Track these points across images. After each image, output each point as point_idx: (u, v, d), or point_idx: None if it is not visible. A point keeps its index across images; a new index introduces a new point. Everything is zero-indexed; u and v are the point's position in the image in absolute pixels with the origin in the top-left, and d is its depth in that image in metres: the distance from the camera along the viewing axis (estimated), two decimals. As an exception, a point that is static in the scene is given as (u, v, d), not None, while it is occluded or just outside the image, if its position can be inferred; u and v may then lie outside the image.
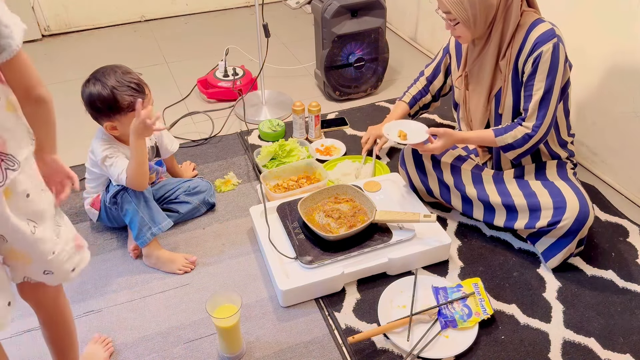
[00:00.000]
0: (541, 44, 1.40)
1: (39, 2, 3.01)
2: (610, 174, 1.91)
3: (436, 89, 1.88)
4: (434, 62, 1.86)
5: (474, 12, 1.40)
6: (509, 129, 1.50)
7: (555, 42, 1.39)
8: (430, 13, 2.77)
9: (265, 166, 1.94)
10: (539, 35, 1.41)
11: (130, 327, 1.41)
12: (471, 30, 1.45)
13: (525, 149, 1.50)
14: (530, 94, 1.45)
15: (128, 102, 1.46)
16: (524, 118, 1.48)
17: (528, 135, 1.47)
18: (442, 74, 1.83)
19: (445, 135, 1.54)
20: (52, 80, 2.65)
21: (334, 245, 1.50)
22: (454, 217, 1.74)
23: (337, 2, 2.23)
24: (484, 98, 1.57)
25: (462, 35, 1.48)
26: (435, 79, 1.86)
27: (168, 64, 2.82)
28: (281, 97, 2.44)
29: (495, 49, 1.48)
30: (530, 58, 1.42)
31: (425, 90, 1.89)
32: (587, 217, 1.44)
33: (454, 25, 1.46)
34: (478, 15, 1.41)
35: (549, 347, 1.34)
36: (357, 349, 1.33)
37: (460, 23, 1.43)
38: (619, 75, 1.77)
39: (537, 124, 1.45)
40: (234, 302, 1.26)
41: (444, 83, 1.86)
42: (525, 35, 1.43)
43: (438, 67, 1.84)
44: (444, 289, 1.47)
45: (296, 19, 3.36)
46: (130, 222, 1.55)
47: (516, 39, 1.45)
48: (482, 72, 1.55)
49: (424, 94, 1.90)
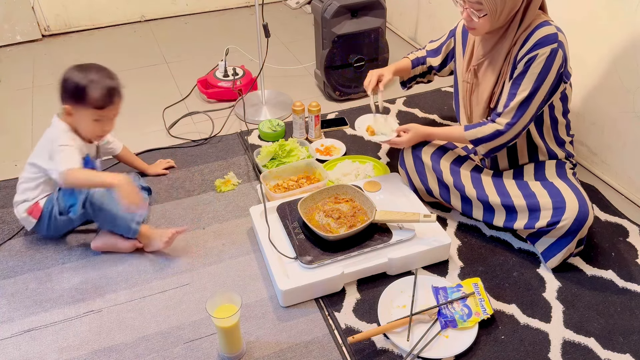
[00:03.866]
0: (540, 47, 1.39)
1: (39, 2, 3.01)
2: (610, 174, 1.91)
3: (431, 68, 1.85)
4: (438, 41, 1.82)
5: (502, 4, 1.37)
6: (478, 125, 1.52)
7: (555, 47, 1.39)
8: (430, 13, 2.78)
9: (265, 166, 1.94)
10: (541, 37, 1.40)
11: (130, 327, 1.41)
12: (493, 23, 1.42)
13: (496, 145, 1.51)
14: (514, 92, 1.45)
15: (94, 99, 1.51)
16: (499, 114, 1.48)
17: (499, 132, 1.48)
18: (442, 55, 1.80)
19: (412, 129, 1.61)
20: (52, 80, 2.65)
21: (334, 245, 1.50)
22: (454, 217, 1.74)
23: (337, 2, 2.23)
24: (487, 93, 1.56)
25: (481, 28, 1.44)
26: (434, 57, 1.83)
27: (168, 64, 2.82)
28: (281, 97, 2.44)
29: (509, 44, 1.46)
30: (525, 57, 1.42)
31: (424, 59, 1.86)
32: (587, 217, 1.44)
33: (480, 16, 1.40)
34: (505, 7, 1.38)
35: (549, 347, 1.34)
36: (357, 349, 1.33)
37: (487, 15, 1.39)
38: (619, 75, 1.77)
39: (511, 122, 1.46)
40: (234, 302, 1.26)
41: (441, 65, 1.82)
42: (529, 34, 1.42)
43: (440, 48, 1.80)
44: (444, 289, 1.47)
45: (296, 19, 3.36)
46: (114, 221, 1.57)
47: (521, 36, 1.44)
48: (493, 67, 1.53)
49: (423, 63, 1.86)
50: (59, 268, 1.59)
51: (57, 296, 1.50)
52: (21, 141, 2.19)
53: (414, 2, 2.87)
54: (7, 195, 1.87)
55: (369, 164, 1.95)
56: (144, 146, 2.12)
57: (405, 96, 2.45)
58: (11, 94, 2.55)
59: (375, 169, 1.94)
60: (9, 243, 1.68)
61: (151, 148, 2.11)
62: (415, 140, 1.65)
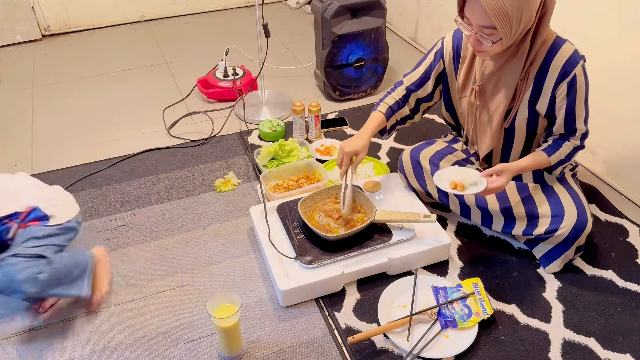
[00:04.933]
0: (572, 67, 1.35)
1: (39, 2, 3.01)
2: (610, 174, 1.91)
3: (420, 100, 1.66)
4: (419, 69, 1.62)
5: (517, 26, 1.27)
6: (557, 147, 1.46)
7: (583, 63, 1.37)
8: (430, 13, 2.78)
9: (265, 166, 1.94)
10: (567, 59, 1.35)
11: (130, 327, 1.41)
12: (504, 46, 1.33)
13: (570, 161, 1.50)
14: (573, 117, 1.41)
15: None
16: (568, 136, 1.45)
17: (576, 148, 1.46)
18: (432, 81, 1.61)
19: (505, 170, 1.42)
20: (52, 80, 2.65)
21: (333, 245, 1.50)
22: (454, 217, 1.74)
23: (337, 2, 2.23)
24: (500, 112, 1.47)
25: (492, 51, 1.34)
26: (420, 88, 1.63)
27: (168, 64, 2.82)
28: (281, 97, 2.44)
29: (522, 62, 1.38)
30: (562, 83, 1.37)
31: (403, 101, 1.64)
32: (585, 226, 1.44)
33: (494, 41, 1.30)
34: (519, 28, 1.28)
35: (549, 347, 1.34)
36: (357, 349, 1.33)
37: (501, 40, 1.29)
38: (619, 75, 1.77)
39: (584, 135, 1.45)
40: (234, 302, 1.26)
41: (431, 94, 1.64)
42: (547, 56, 1.37)
43: (427, 75, 1.61)
44: (444, 289, 1.47)
45: (296, 19, 3.36)
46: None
47: (538, 56, 1.37)
48: (503, 86, 1.44)
49: (402, 105, 1.64)
50: (59, 268, 1.59)
51: (57, 296, 1.50)
52: (21, 141, 2.19)
53: (414, 2, 2.87)
54: (7, 195, 1.87)
55: (369, 164, 1.95)
56: (144, 146, 2.12)
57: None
58: (11, 94, 2.55)
59: (375, 169, 1.94)
60: (9, 243, 1.68)
61: (151, 148, 2.11)
62: (510, 179, 1.44)
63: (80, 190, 1.89)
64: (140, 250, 1.65)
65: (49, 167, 2.02)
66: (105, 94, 2.52)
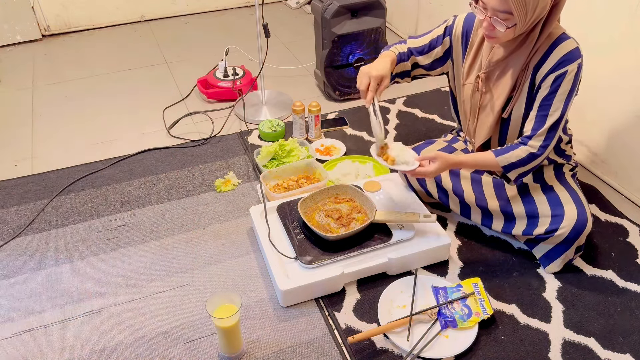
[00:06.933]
0: (568, 63, 1.33)
1: (39, 2, 3.01)
2: (610, 174, 1.91)
3: (416, 65, 1.63)
4: (425, 37, 1.61)
5: (532, 13, 1.27)
6: (509, 149, 1.42)
7: (580, 62, 1.34)
8: (430, 13, 2.78)
9: (265, 166, 1.94)
10: (566, 53, 1.33)
11: (130, 327, 1.41)
12: (517, 33, 1.32)
13: (528, 168, 1.43)
14: (545, 114, 1.37)
15: None
16: (529, 137, 1.40)
17: (533, 155, 1.40)
18: (435, 55, 1.60)
19: (439, 158, 1.42)
20: (52, 80, 2.65)
21: (333, 245, 1.50)
22: (454, 217, 1.74)
23: (337, 2, 2.23)
24: (501, 102, 1.47)
25: (504, 37, 1.34)
26: (421, 55, 1.61)
27: (168, 64, 2.82)
28: (281, 97, 2.44)
29: (527, 53, 1.38)
30: (552, 75, 1.35)
31: (407, 56, 1.61)
32: (585, 226, 1.44)
33: (509, 27, 1.29)
34: (534, 16, 1.29)
35: (549, 347, 1.34)
36: (357, 349, 1.33)
37: (515, 25, 1.29)
38: (619, 75, 1.77)
39: (544, 144, 1.39)
40: (234, 302, 1.26)
41: (431, 64, 1.62)
42: (550, 48, 1.36)
43: (430, 46, 1.60)
44: (444, 289, 1.47)
45: (296, 19, 3.36)
46: None
47: (541, 48, 1.37)
48: (507, 75, 1.44)
49: (405, 59, 1.61)
50: (59, 268, 1.59)
51: (57, 296, 1.50)
52: (21, 141, 2.19)
53: (414, 2, 2.87)
54: (7, 195, 1.87)
55: (369, 164, 1.95)
56: (144, 146, 2.12)
57: (405, 96, 2.45)
58: (11, 94, 2.55)
59: (375, 169, 1.94)
60: (9, 243, 1.68)
61: (151, 148, 2.11)
62: (442, 169, 1.44)
63: (80, 190, 1.90)
64: (140, 250, 1.65)
65: (49, 167, 2.02)
66: (105, 94, 2.52)
